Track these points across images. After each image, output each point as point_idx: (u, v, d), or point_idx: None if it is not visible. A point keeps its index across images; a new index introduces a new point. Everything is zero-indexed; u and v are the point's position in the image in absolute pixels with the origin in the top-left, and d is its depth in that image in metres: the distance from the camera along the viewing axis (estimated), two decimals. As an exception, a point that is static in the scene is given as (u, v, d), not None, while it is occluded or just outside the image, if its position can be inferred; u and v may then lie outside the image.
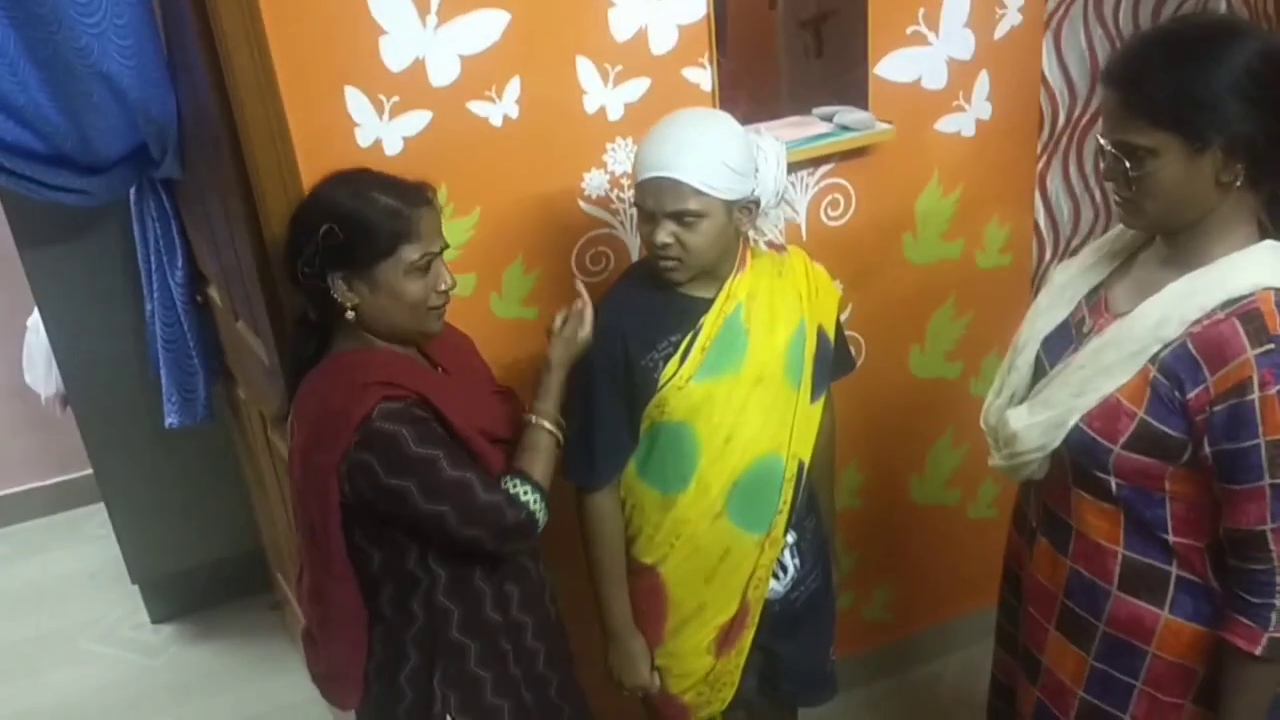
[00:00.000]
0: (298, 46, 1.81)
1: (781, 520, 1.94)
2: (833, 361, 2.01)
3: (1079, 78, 2.67)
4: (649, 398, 1.82)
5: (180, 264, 2.66)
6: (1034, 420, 1.57)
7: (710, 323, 1.82)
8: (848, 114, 2.27)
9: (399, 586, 1.74)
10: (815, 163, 2.28)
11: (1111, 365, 1.48)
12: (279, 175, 1.86)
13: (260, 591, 3.39)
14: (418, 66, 1.90)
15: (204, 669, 3.26)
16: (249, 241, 1.98)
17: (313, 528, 1.68)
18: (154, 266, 2.69)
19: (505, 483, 1.70)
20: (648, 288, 1.85)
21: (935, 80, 2.33)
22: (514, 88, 1.98)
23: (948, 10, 2.28)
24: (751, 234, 1.87)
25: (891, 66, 2.28)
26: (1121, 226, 1.66)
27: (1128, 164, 1.43)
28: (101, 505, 3.38)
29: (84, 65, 1.97)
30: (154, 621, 3.47)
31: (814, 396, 1.94)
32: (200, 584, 3.43)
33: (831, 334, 1.98)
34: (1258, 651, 1.44)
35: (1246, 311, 1.39)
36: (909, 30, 2.26)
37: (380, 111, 1.90)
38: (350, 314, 1.66)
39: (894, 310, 2.53)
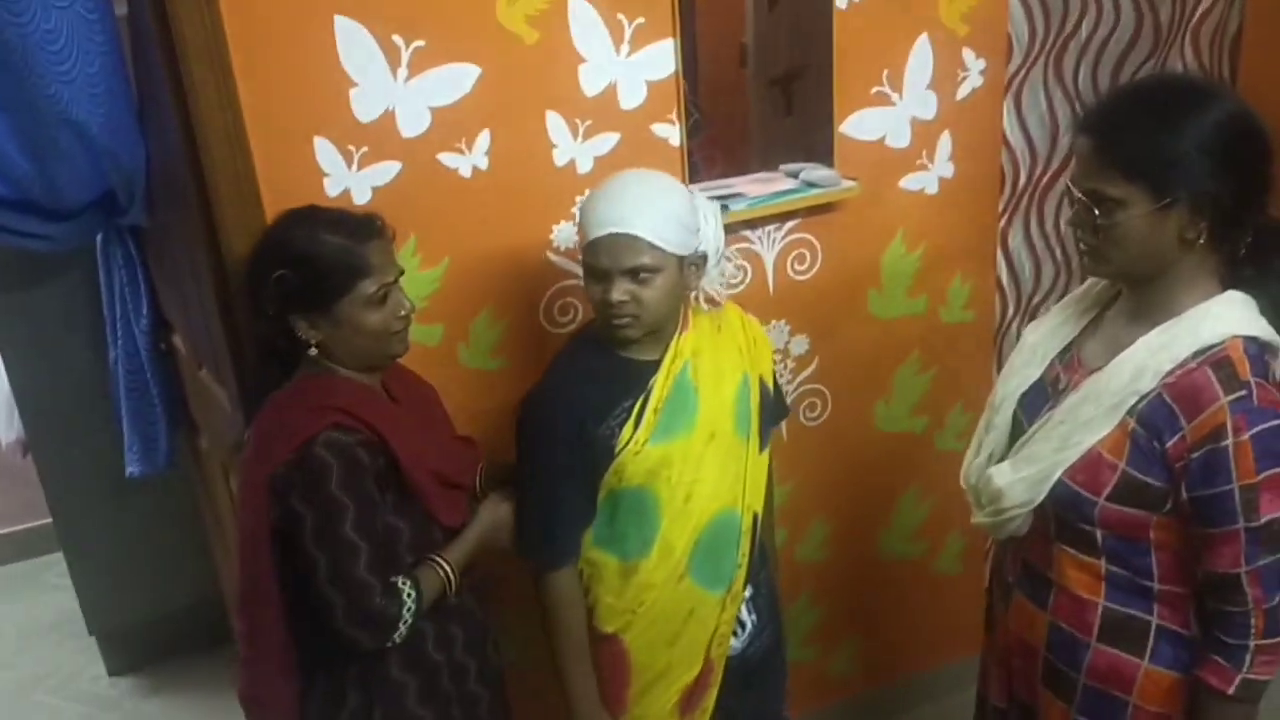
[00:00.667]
0: (267, 96, 1.82)
1: (741, 575, 1.93)
2: (773, 412, 2.03)
3: (1039, 138, 2.72)
4: (606, 466, 1.81)
5: (145, 311, 2.65)
6: (1018, 476, 1.59)
7: (660, 384, 1.82)
8: (814, 171, 2.31)
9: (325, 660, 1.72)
10: (782, 218, 2.31)
11: (1091, 419, 1.51)
12: (245, 225, 1.86)
13: (220, 644, 3.32)
14: (387, 117, 1.91)
15: (161, 723, 3.20)
16: (214, 290, 1.98)
17: (244, 542, 1.67)
18: (118, 313, 2.68)
19: (399, 579, 1.65)
20: (593, 356, 1.84)
21: (899, 139, 2.37)
22: (484, 140, 1.99)
23: (911, 71, 2.33)
24: (696, 291, 1.89)
25: (857, 125, 2.32)
26: (1086, 285, 1.70)
27: (1097, 212, 1.47)
28: (60, 555, 3.32)
29: (53, 112, 1.97)
30: (111, 674, 3.40)
31: (761, 447, 1.96)
32: (159, 636, 3.37)
33: (770, 384, 2.00)
34: (1231, 691, 1.48)
35: (1217, 360, 1.44)
36: (874, 90, 2.31)
37: (349, 161, 1.91)
38: (313, 350, 1.69)
39: (859, 364, 2.54)
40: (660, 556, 1.85)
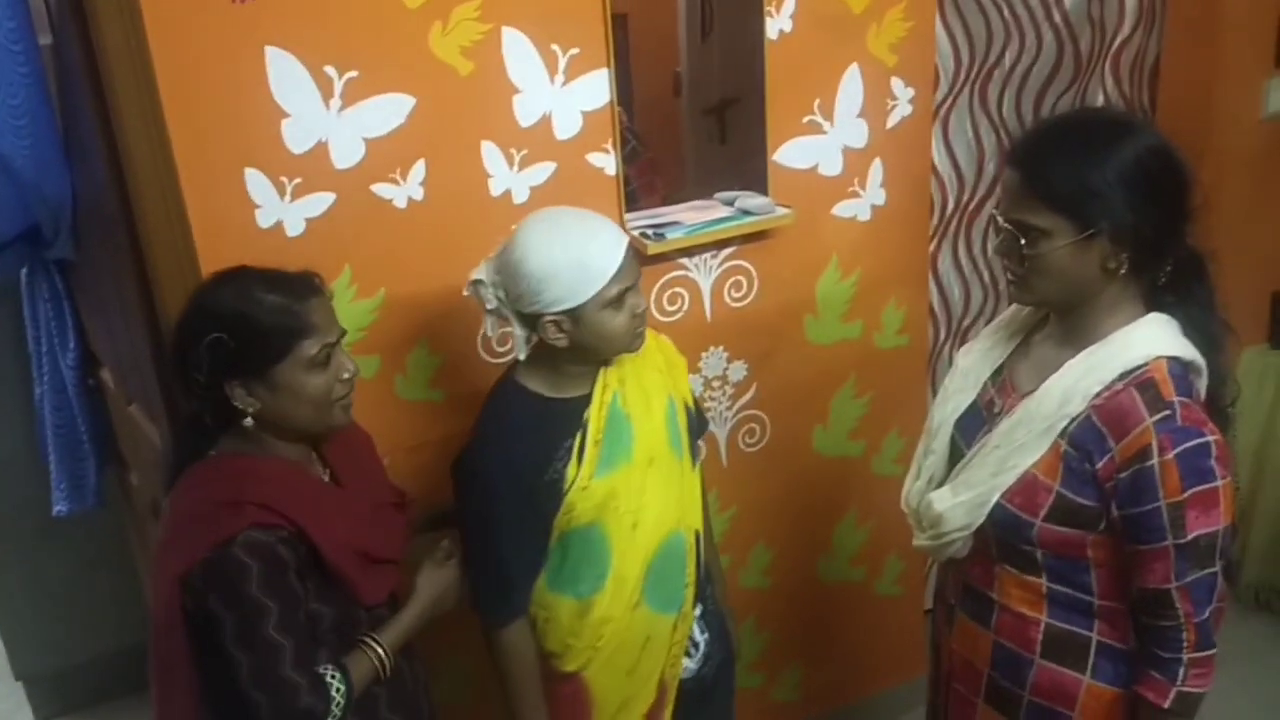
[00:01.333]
0: (197, 127, 1.80)
1: (690, 594, 1.94)
2: (698, 427, 2.04)
3: (966, 165, 2.78)
4: (556, 510, 1.80)
5: (72, 346, 2.59)
6: (957, 501, 1.63)
7: (595, 416, 1.82)
8: (749, 199, 2.33)
9: None
10: (718, 245, 2.32)
11: (1024, 443, 1.55)
12: (175, 257, 1.84)
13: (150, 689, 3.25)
14: (320, 149, 1.90)
15: (90, 770, 3.12)
16: (144, 325, 1.95)
17: (156, 628, 1.58)
18: (44, 349, 2.62)
19: (326, 669, 1.58)
20: (521, 404, 1.81)
21: (831, 167, 2.40)
22: (419, 170, 1.99)
23: (842, 101, 2.36)
24: None
25: (790, 154, 2.34)
26: (1014, 308, 1.74)
27: (1022, 241, 1.51)
28: (-17, 597, 3.22)
29: (-26, 145, 1.93)
30: (38, 720, 3.31)
31: (693, 464, 1.98)
32: (87, 680, 3.28)
33: (690, 400, 2.01)
34: (1166, 705, 1.52)
35: (1142, 381, 1.48)
36: (805, 119, 2.34)
37: (282, 193, 1.89)
38: (249, 421, 1.58)
39: (797, 390, 2.56)
40: (615, 589, 1.85)
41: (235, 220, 1.86)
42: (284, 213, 1.90)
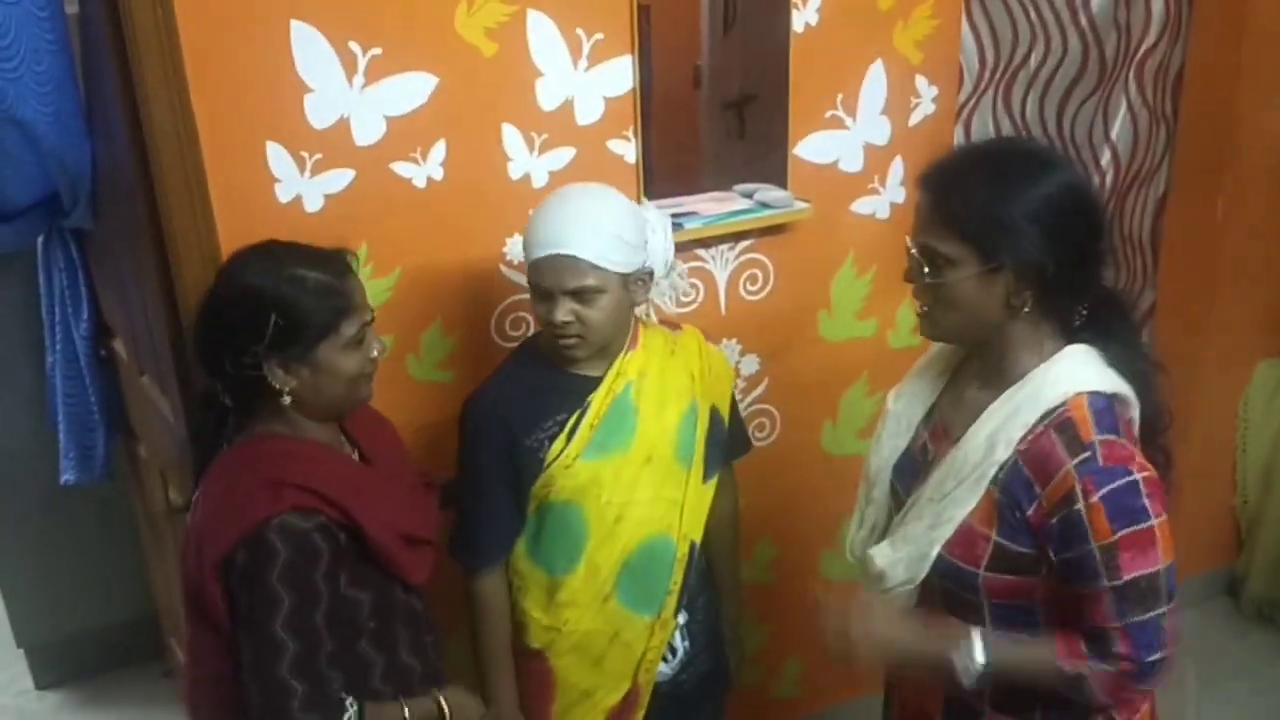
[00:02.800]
0: (220, 99, 1.80)
1: (672, 601, 1.92)
2: (728, 442, 2.00)
3: (989, 167, 2.76)
4: (534, 478, 1.80)
5: (85, 316, 2.59)
6: (897, 556, 1.57)
7: (598, 401, 1.81)
8: (767, 192, 2.32)
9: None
10: (735, 238, 2.32)
11: (956, 494, 1.49)
12: (194, 229, 1.84)
13: (152, 659, 3.25)
14: (342, 125, 1.89)
15: (89, 739, 3.12)
16: (160, 296, 1.94)
17: (189, 614, 1.57)
18: (58, 318, 2.62)
19: (349, 703, 1.54)
20: (534, 366, 1.83)
21: (852, 163, 2.40)
22: (439, 150, 1.98)
23: (865, 96, 2.35)
24: (640, 311, 1.88)
25: (811, 148, 2.34)
26: (936, 347, 1.69)
27: (926, 269, 1.47)
28: (-12, 565, 3.24)
29: (-2, 110, 1.93)
30: (39, 688, 3.30)
31: (706, 477, 1.93)
32: (89, 650, 3.29)
33: (725, 413, 1.98)
34: (1066, 667, 1.44)
35: (1061, 422, 1.43)
36: (828, 114, 2.33)
37: (302, 168, 1.89)
38: (287, 399, 1.56)
39: (808, 386, 2.56)
40: (586, 575, 1.84)
41: (255, 194, 1.87)
42: (303, 188, 1.90)
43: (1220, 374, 3.21)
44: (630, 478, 1.83)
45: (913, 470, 1.62)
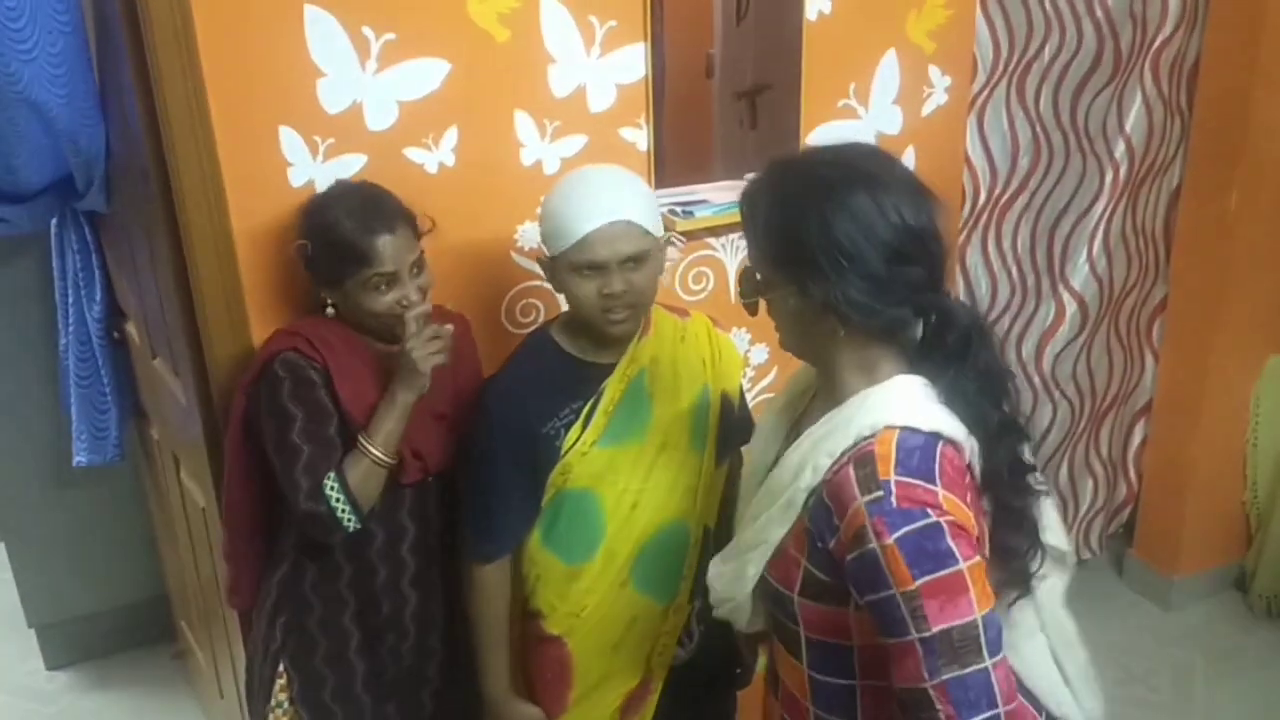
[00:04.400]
0: (234, 84, 1.81)
1: (687, 587, 1.92)
2: (735, 428, 1.99)
3: (1000, 158, 2.76)
4: (552, 466, 1.80)
5: (99, 298, 2.60)
6: (721, 569, 1.51)
7: (613, 387, 1.81)
8: (779, 180, 2.32)
9: (284, 528, 1.92)
10: (746, 226, 2.31)
11: (772, 514, 1.40)
12: (207, 212, 1.85)
13: (162, 640, 3.27)
14: (355, 110, 1.90)
15: (101, 718, 3.13)
16: (173, 278, 1.95)
17: (227, 438, 1.89)
18: (71, 300, 2.63)
19: (328, 476, 1.76)
20: (548, 355, 1.84)
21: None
22: (451, 136, 1.99)
23: (877, 86, 2.35)
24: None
25: (823, 137, 2.33)
26: None
27: (743, 287, 1.44)
28: (1, 545, 3.26)
29: (13, 92, 1.93)
30: (49, 668, 3.32)
31: (718, 462, 1.93)
32: (100, 630, 3.31)
33: (735, 399, 1.98)
34: None
35: (862, 455, 1.30)
36: (840, 103, 2.33)
37: (315, 153, 1.89)
38: (329, 309, 1.85)
39: (818, 375, 2.56)
40: (604, 563, 1.85)
41: (268, 177, 1.87)
42: (316, 172, 1.90)
43: (1232, 367, 3.20)
44: (646, 464, 1.83)
45: None
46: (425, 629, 1.96)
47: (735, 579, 1.47)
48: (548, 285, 2.15)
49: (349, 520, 1.76)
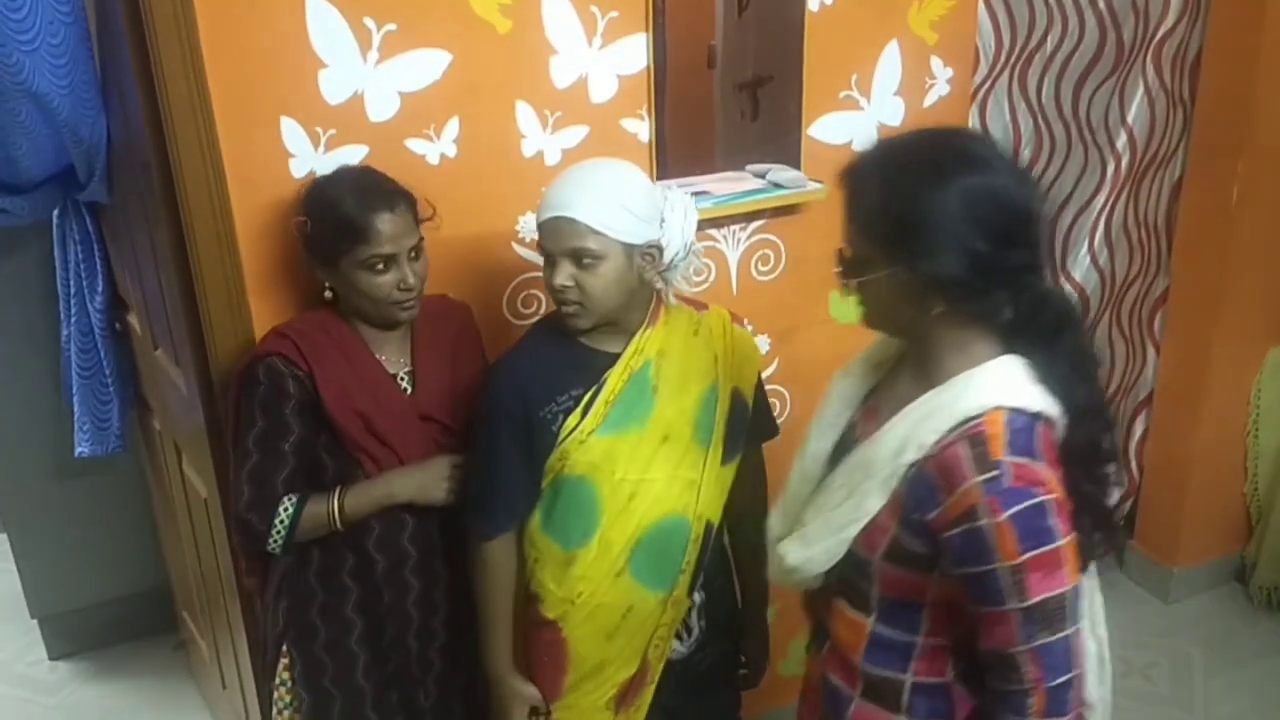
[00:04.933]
0: (235, 74, 1.81)
1: (685, 580, 1.92)
2: (753, 425, 1.99)
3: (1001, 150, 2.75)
4: (549, 450, 1.81)
5: (100, 289, 2.61)
6: (810, 553, 1.52)
7: (615, 377, 1.81)
8: (780, 172, 2.32)
9: None
10: (748, 218, 2.32)
11: (866, 489, 1.44)
12: (209, 203, 1.85)
13: (164, 631, 3.28)
14: (356, 101, 1.90)
15: (103, 708, 3.14)
16: (175, 269, 1.96)
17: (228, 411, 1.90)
18: (73, 291, 2.63)
19: (287, 498, 1.81)
20: (554, 341, 1.84)
21: (866, 144, 2.38)
22: (453, 127, 1.99)
23: (879, 77, 2.35)
24: (662, 288, 1.87)
25: (824, 128, 2.33)
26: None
27: (841, 268, 1.44)
28: (4, 535, 3.26)
29: (14, 83, 1.93)
30: (52, 658, 3.33)
31: (725, 459, 1.93)
32: (102, 621, 3.32)
33: (750, 397, 1.97)
34: None
35: (973, 434, 1.35)
36: (842, 95, 2.33)
37: (316, 144, 1.89)
38: (328, 293, 1.85)
39: (818, 366, 2.54)
40: (599, 550, 1.85)
41: (270, 168, 1.87)
42: (318, 163, 1.90)
43: (1232, 359, 3.20)
44: (646, 455, 1.83)
45: (842, 449, 1.57)
46: (428, 613, 1.98)
47: (831, 555, 1.50)
48: (549, 277, 2.16)
49: (276, 546, 1.82)
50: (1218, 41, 2.89)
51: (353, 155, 1.92)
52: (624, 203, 1.72)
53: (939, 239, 1.33)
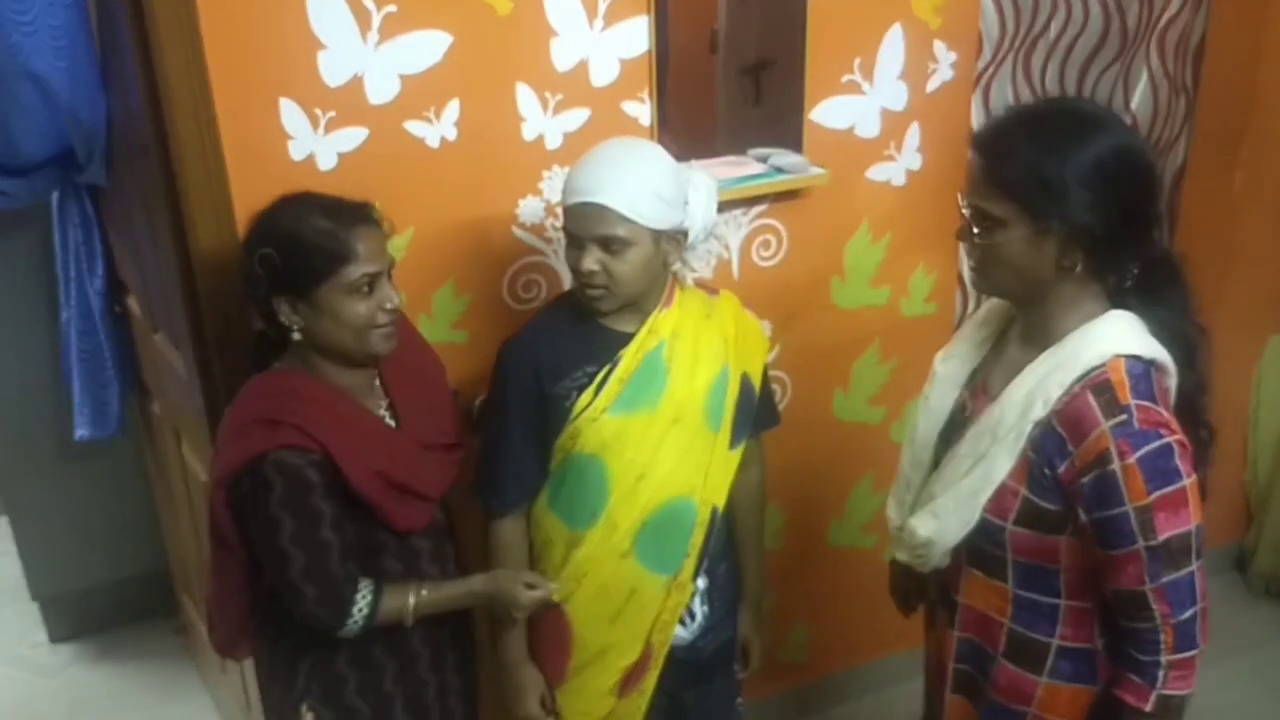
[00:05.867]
0: (234, 56, 1.80)
1: (690, 564, 1.92)
2: (758, 412, 2.00)
3: (1006, 135, 2.73)
4: (561, 427, 1.81)
5: (100, 272, 2.60)
6: (942, 525, 1.59)
7: (629, 357, 1.81)
8: (782, 156, 2.31)
9: None
10: (749, 202, 2.31)
11: (994, 454, 1.52)
12: (208, 186, 1.84)
13: (165, 614, 3.29)
14: (356, 83, 1.89)
15: (103, 691, 3.15)
16: (173, 253, 1.95)
17: (210, 521, 1.74)
18: (72, 274, 2.63)
19: (363, 584, 1.70)
20: (569, 318, 1.84)
21: (868, 129, 2.38)
22: (453, 110, 1.98)
23: (882, 62, 2.34)
24: (679, 269, 1.88)
25: (826, 113, 2.32)
26: (987, 306, 1.70)
27: (976, 230, 1.48)
28: (5, 518, 3.26)
29: (13, 64, 1.93)
30: (53, 641, 3.34)
31: (733, 443, 1.93)
32: (103, 604, 3.32)
33: (757, 383, 1.97)
34: (1148, 708, 1.48)
35: (1098, 383, 1.44)
36: (844, 79, 2.31)
37: (315, 126, 1.89)
38: (296, 335, 1.67)
39: (820, 353, 2.56)
40: (605, 530, 1.85)
41: (269, 151, 1.86)
42: (317, 145, 1.90)
43: (1234, 348, 3.19)
44: (656, 437, 1.83)
45: (953, 430, 1.64)
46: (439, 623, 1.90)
47: (963, 526, 1.56)
48: (549, 260, 2.16)
49: (354, 630, 1.70)
50: (1221, 28, 2.87)
51: (353, 137, 1.92)
52: (655, 189, 1.72)
53: (1092, 193, 1.41)
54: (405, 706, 1.85)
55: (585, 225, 1.72)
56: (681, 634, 1.98)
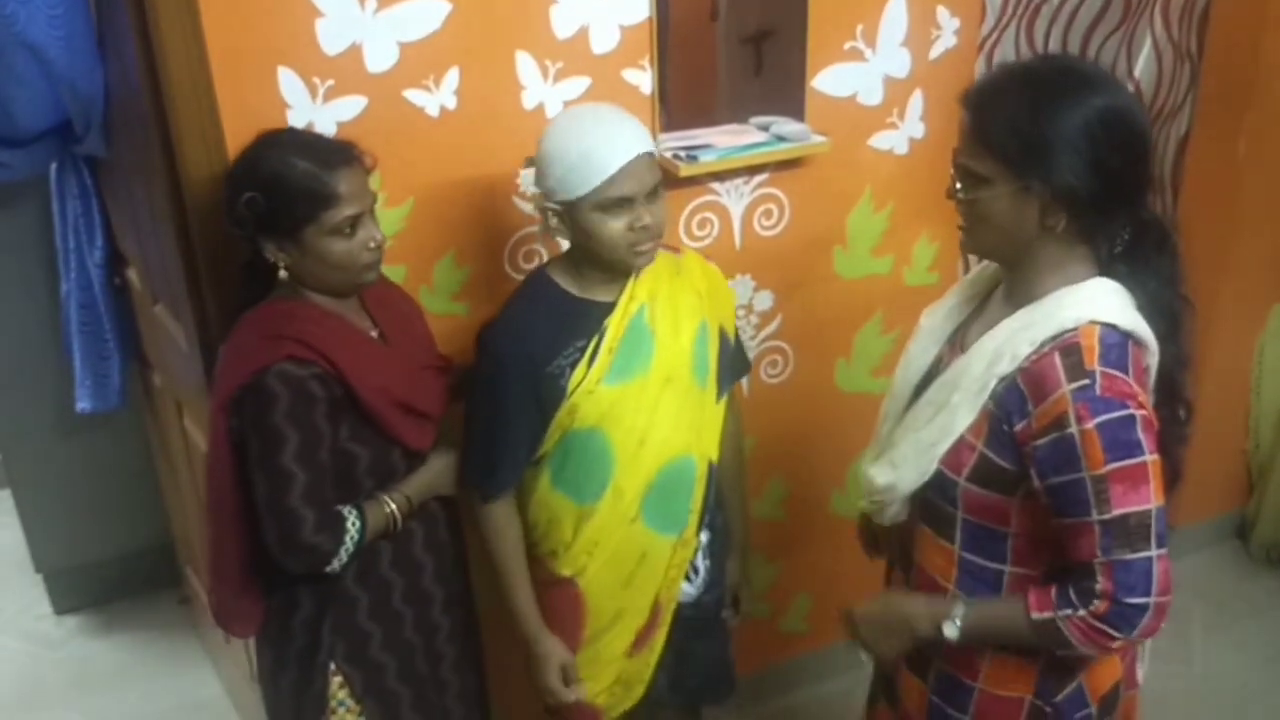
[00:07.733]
0: (231, 24, 1.78)
1: (694, 520, 1.94)
2: (732, 361, 2.02)
3: (1009, 103, 2.71)
4: (557, 405, 1.81)
5: (99, 244, 2.59)
6: (898, 474, 1.57)
7: (615, 324, 1.82)
8: (784, 124, 2.29)
9: None
10: (751, 171, 2.29)
11: (955, 403, 1.50)
12: (206, 156, 1.83)
13: (168, 585, 3.30)
14: (354, 51, 1.87)
15: (108, 663, 3.17)
16: (172, 224, 1.94)
17: (209, 458, 1.74)
18: (72, 246, 2.62)
19: (347, 510, 1.71)
20: (548, 296, 1.84)
21: (871, 96, 2.36)
22: (452, 78, 1.96)
23: (885, 28, 2.32)
24: None
25: (829, 80, 2.31)
26: (978, 268, 1.69)
27: (960, 186, 1.48)
28: (8, 491, 3.27)
29: (9, 34, 1.92)
30: (57, 613, 3.36)
31: (719, 395, 1.96)
32: (107, 575, 3.34)
33: (731, 333, 2.00)
34: (1035, 616, 1.44)
35: (1067, 345, 1.42)
36: (847, 45, 2.30)
37: (314, 94, 1.87)
38: (284, 273, 1.70)
39: (822, 322, 2.55)
40: (613, 500, 1.86)
41: (267, 120, 1.84)
42: (315, 114, 1.88)
43: (1236, 316, 3.19)
44: (651, 400, 1.84)
45: (928, 384, 1.62)
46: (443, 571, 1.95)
47: (919, 475, 1.54)
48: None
49: (340, 564, 1.71)
50: (1227, -7, 2.85)
51: (351, 106, 1.90)
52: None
53: (1075, 153, 1.39)
54: (424, 652, 1.90)
55: (645, 178, 1.73)
56: (687, 589, 2.01)
